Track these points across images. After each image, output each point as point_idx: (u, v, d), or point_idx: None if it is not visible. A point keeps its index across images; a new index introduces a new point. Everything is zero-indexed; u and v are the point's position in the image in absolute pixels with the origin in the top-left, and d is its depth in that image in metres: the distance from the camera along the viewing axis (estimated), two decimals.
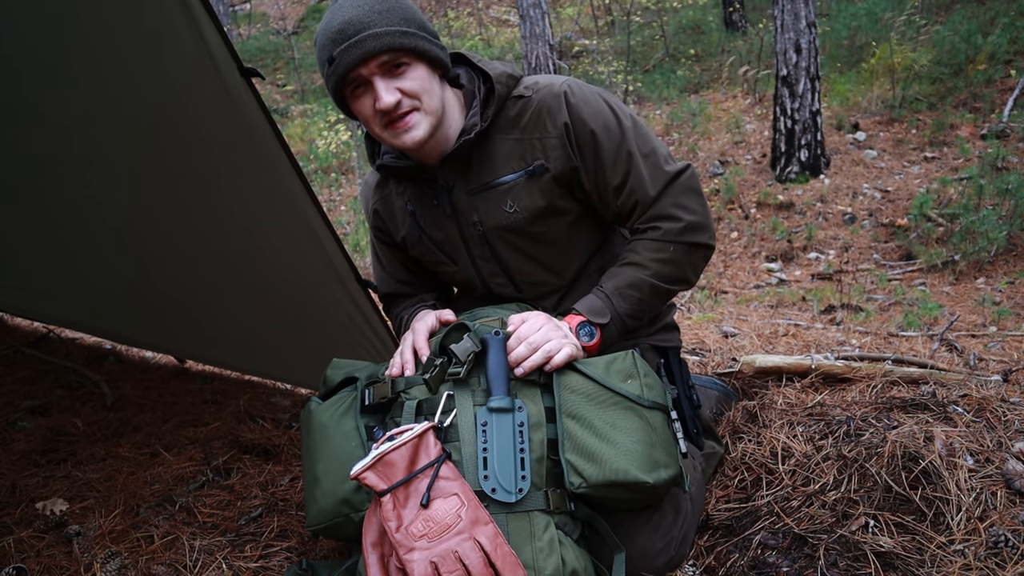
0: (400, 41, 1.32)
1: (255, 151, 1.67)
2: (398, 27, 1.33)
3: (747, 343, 2.84)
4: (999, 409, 1.53)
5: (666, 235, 1.45)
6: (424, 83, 1.37)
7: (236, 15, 16.07)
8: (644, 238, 1.48)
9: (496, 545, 1.13)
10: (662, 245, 1.46)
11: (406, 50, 1.34)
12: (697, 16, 11.58)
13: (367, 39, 1.30)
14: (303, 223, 1.83)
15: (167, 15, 1.38)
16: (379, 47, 1.31)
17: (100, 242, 2.22)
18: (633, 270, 1.46)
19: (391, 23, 1.32)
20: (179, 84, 1.55)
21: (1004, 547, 1.19)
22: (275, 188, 1.76)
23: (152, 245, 2.14)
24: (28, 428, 2.38)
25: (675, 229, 1.45)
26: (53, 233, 2.25)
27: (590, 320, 1.42)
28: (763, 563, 1.31)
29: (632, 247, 1.49)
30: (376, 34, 1.31)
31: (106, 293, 2.55)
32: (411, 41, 1.34)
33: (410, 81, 1.36)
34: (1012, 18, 7.81)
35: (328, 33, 1.33)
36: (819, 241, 5.69)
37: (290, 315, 2.27)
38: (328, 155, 9.65)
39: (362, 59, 1.31)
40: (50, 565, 1.55)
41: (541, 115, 1.44)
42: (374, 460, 1.19)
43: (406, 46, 1.33)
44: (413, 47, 1.34)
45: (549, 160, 1.45)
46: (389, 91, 1.34)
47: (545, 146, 1.44)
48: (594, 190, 1.48)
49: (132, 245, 2.17)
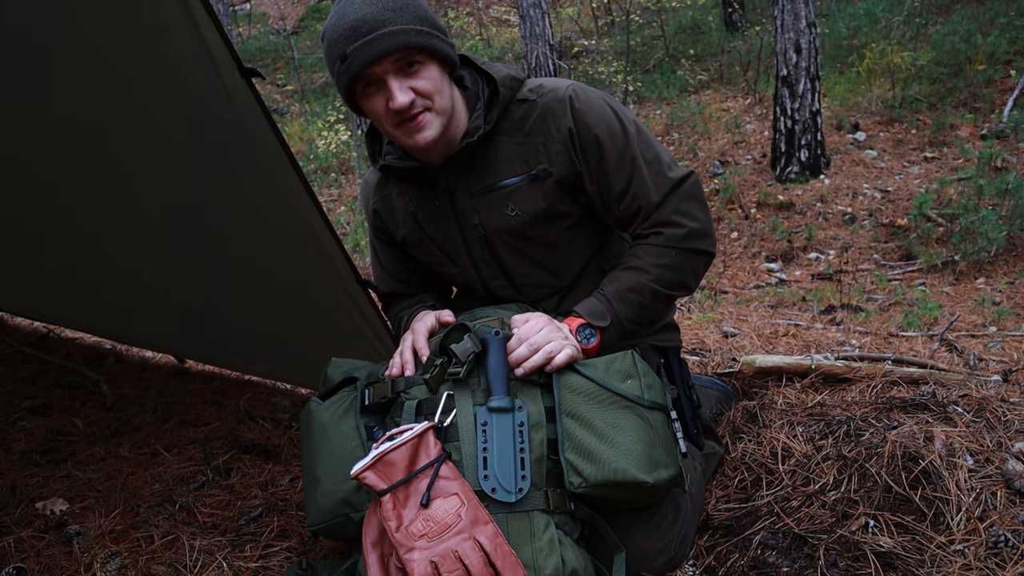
0: (415, 40, 1.31)
1: (255, 151, 1.67)
2: (413, 25, 1.32)
3: (747, 343, 2.84)
4: (999, 409, 1.53)
5: (668, 240, 1.46)
6: (436, 83, 1.37)
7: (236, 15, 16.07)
8: (646, 243, 1.48)
9: (496, 545, 1.13)
10: (664, 251, 1.46)
11: (420, 49, 1.33)
12: (697, 16, 11.58)
13: (382, 37, 1.29)
14: (303, 223, 1.83)
15: (167, 15, 1.38)
16: (395, 46, 1.30)
17: (100, 242, 2.22)
18: (634, 274, 1.46)
19: (406, 21, 1.31)
20: (179, 84, 1.55)
21: (1004, 547, 1.19)
22: (275, 188, 1.76)
23: (152, 245, 2.14)
24: (28, 428, 2.38)
25: (677, 235, 1.46)
26: (53, 233, 2.25)
27: (590, 323, 1.42)
28: (763, 563, 1.31)
29: (634, 252, 1.49)
30: (392, 32, 1.29)
31: (106, 293, 2.54)
32: (426, 40, 1.33)
33: (423, 80, 1.35)
34: (1011, 18, 7.81)
35: (340, 29, 1.31)
36: (819, 241, 5.69)
37: (290, 315, 2.27)
38: (328, 155, 9.65)
39: (376, 57, 1.30)
40: (50, 565, 1.55)
41: (545, 119, 1.44)
42: (374, 460, 1.19)
43: (421, 44, 1.32)
44: (428, 46, 1.33)
45: (552, 165, 1.45)
46: (403, 91, 1.33)
47: (549, 151, 1.44)
48: (597, 195, 1.48)
49: (132, 245, 2.17)
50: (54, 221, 2.17)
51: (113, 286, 2.46)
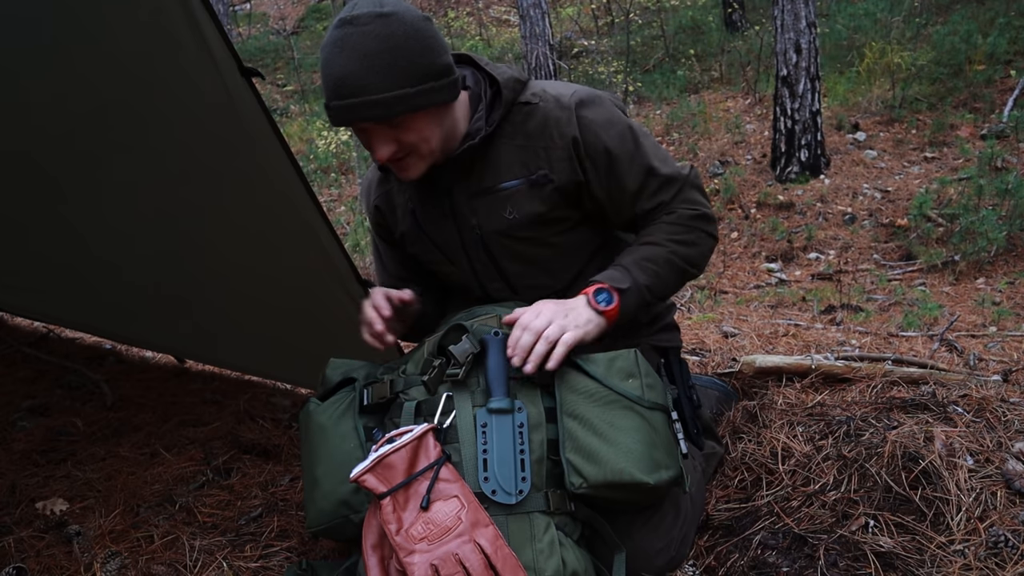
0: (397, 109, 1.28)
1: (255, 151, 1.67)
2: (396, 91, 1.27)
3: (747, 343, 2.84)
4: (999, 409, 1.53)
5: (680, 219, 1.48)
6: (423, 132, 1.35)
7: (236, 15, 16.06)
8: (658, 222, 1.49)
9: (497, 547, 1.13)
10: (677, 227, 1.48)
11: (403, 113, 1.31)
12: (697, 16, 11.57)
13: (361, 106, 1.27)
14: (303, 223, 1.83)
15: (167, 15, 1.38)
16: (374, 116, 1.29)
17: (100, 242, 2.22)
18: (649, 247, 1.46)
19: (389, 86, 1.26)
20: (179, 84, 1.55)
21: (1004, 547, 1.19)
22: (275, 188, 1.76)
23: (152, 245, 2.14)
24: (28, 428, 2.38)
25: (688, 215, 1.49)
26: (53, 233, 2.25)
27: (610, 285, 1.39)
28: (763, 563, 1.31)
29: (647, 231, 1.50)
30: (371, 102, 1.26)
31: (106, 293, 2.55)
32: (409, 104, 1.29)
33: (408, 133, 1.34)
34: (1011, 18, 7.81)
35: (325, 77, 1.30)
36: (819, 241, 5.69)
37: (290, 315, 2.27)
38: (328, 155, 9.64)
39: (356, 120, 1.31)
40: (50, 565, 1.55)
41: (548, 125, 1.43)
42: (374, 463, 1.19)
43: (403, 112, 1.30)
44: (411, 108, 1.30)
45: (554, 171, 1.44)
46: (386, 144, 1.34)
47: (550, 157, 1.44)
48: (607, 200, 1.49)
49: (132, 245, 2.17)
50: (54, 221, 2.17)
51: (113, 286, 2.46)
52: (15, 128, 1.76)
